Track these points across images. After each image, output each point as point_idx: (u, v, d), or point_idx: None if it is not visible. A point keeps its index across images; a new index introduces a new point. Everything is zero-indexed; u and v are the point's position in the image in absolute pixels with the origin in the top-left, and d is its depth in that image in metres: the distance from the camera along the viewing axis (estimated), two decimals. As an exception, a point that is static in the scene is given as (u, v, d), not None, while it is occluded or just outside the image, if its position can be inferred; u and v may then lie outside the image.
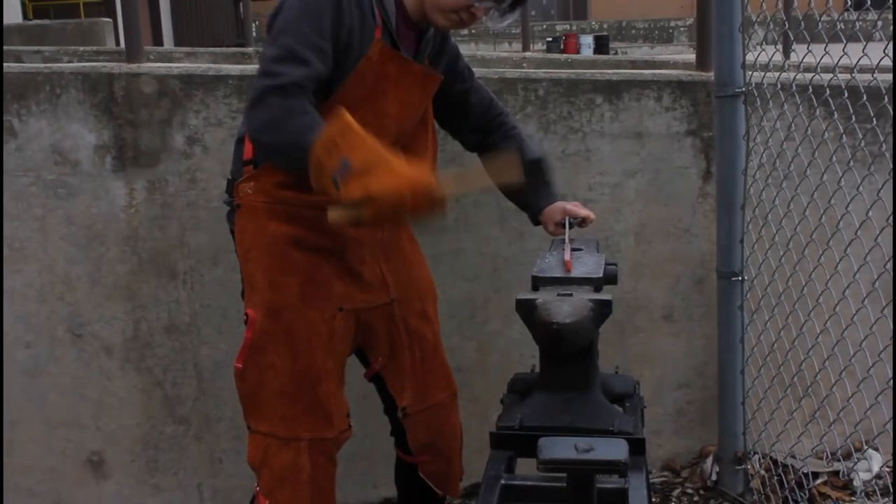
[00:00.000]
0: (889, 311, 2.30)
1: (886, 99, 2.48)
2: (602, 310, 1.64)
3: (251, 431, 1.95)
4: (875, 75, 2.41)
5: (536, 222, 2.20)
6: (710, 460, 2.87)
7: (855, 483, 2.73)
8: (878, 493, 2.68)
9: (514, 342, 2.85)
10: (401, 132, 1.90)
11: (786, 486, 2.69)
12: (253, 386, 1.90)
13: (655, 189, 2.84)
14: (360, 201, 1.54)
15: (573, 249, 1.98)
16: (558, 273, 1.80)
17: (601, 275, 1.79)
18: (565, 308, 1.59)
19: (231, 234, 1.97)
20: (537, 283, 1.78)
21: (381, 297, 1.99)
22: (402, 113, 1.89)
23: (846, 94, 2.44)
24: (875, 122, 2.56)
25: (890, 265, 2.18)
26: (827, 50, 2.34)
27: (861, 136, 2.66)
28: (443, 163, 2.70)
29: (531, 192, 2.15)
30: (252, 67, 2.73)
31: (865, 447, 2.83)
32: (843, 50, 2.21)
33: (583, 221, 2.14)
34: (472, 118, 2.14)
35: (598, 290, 1.74)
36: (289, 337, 1.88)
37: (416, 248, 2.15)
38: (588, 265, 1.87)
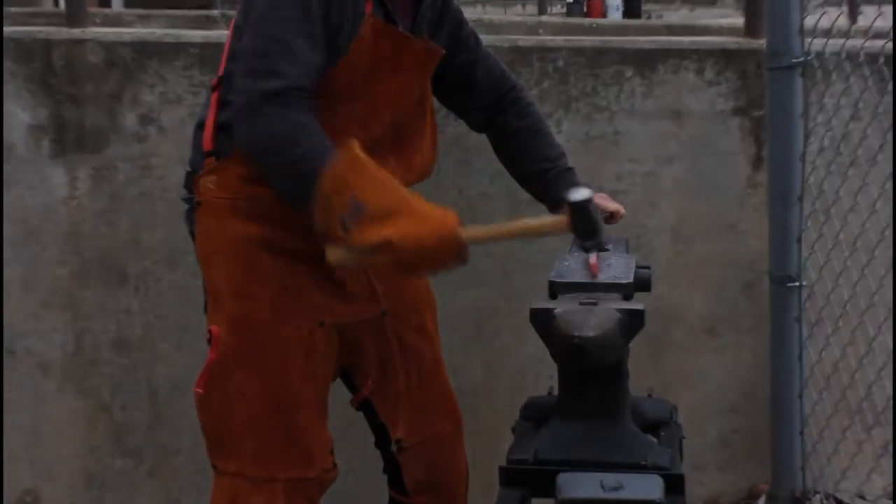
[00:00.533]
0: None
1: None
2: (632, 321, 1.64)
3: (217, 472, 1.94)
4: (958, 43, 2.41)
5: None
6: (761, 501, 2.87)
7: (934, 528, 2.73)
8: (960, 539, 2.67)
9: (528, 360, 2.85)
10: (396, 118, 1.91)
11: (852, 531, 2.69)
12: (218, 416, 1.89)
13: (696, 178, 2.83)
14: (376, 248, 1.60)
15: (599, 250, 1.97)
16: (581, 278, 1.80)
17: (631, 280, 1.79)
18: (589, 319, 1.59)
19: (191, 237, 1.97)
20: (556, 289, 1.78)
21: (368, 309, 1.99)
22: (399, 98, 1.90)
23: (923, 65, 2.44)
24: (958, 98, 2.56)
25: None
26: (901, 12, 2.34)
27: (941, 116, 2.66)
28: (444, 146, 2.69)
29: (550, 180, 2.15)
30: (218, 34, 2.73)
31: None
32: (920, 12, 2.21)
33: (610, 216, 2.14)
34: (479, 94, 2.13)
35: (627, 297, 1.74)
36: (259, 357, 1.88)
37: None
38: (616, 268, 1.86)
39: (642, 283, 1.85)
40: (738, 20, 3.75)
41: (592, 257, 1.89)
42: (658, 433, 1.86)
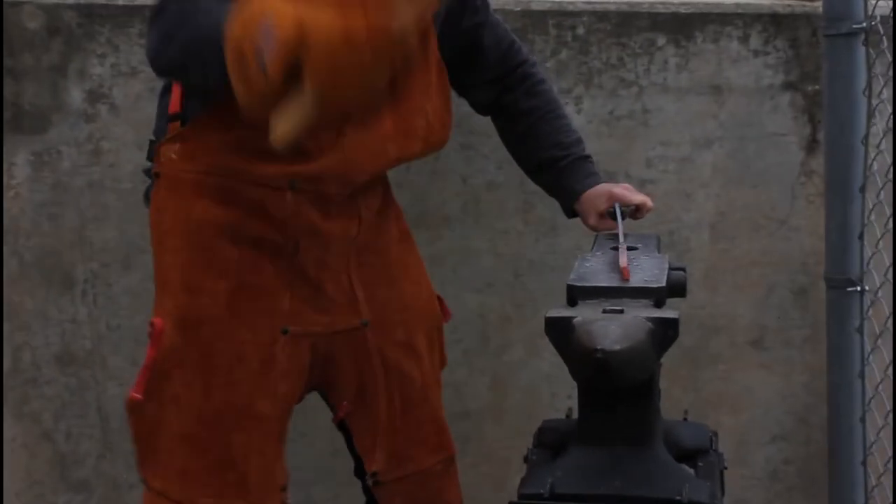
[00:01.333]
0: None
1: None
2: (665, 332, 1.64)
3: (145, 486, 1.95)
4: None
5: (572, 213, 2.19)
6: (816, 542, 2.87)
7: None
8: None
9: (543, 377, 2.85)
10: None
11: (922, 578, 2.68)
12: (150, 424, 1.90)
13: (739, 164, 2.84)
14: (292, 48, 1.30)
15: (626, 248, 1.98)
16: (606, 281, 1.80)
17: (664, 283, 1.79)
18: (614, 330, 1.59)
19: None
20: (575, 294, 1.77)
21: (346, 318, 1.98)
22: None
23: None
24: None
25: None
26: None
27: None
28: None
29: (563, 170, 2.14)
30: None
31: None
32: None
33: (636, 210, 2.14)
34: (484, 67, 2.13)
35: (659, 304, 1.74)
36: (203, 361, 1.88)
37: (408, 250, 2.14)
38: (646, 270, 1.86)
39: (676, 288, 1.85)
40: (789, -21, 3.75)
41: (623, 258, 1.89)
42: (695, 463, 1.85)
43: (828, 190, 2.72)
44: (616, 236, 2.07)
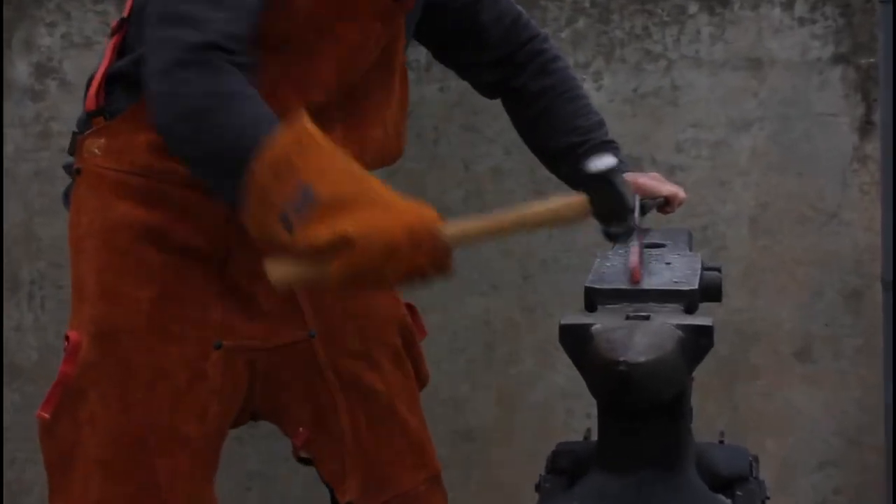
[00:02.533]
0: None
1: None
2: (697, 341, 1.63)
3: None
4: None
5: None
6: (870, 583, 2.87)
7: None
8: None
9: (558, 392, 2.85)
10: (347, 81, 1.91)
11: None
12: (63, 448, 1.89)
13: (783, 149, 2.83)
14: (328, 249, 1.57)
15: (650, 246, 1.97)
16: (628, 283, 1.81)
17: (696, 286, 1.79)
18: (639, 339, 1.58)
19: None
20: (594, 298, 1.77)
21: (289, 330, 1.98)
22: (351, 55, 1.90)
23: None
24: None
25: None
26: None
27: None
28: (445, 107, 2.69)
29: (582, 157, 2.14)
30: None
31: None
32: None
33: (665, 203, 2.14)
34: (487, 47, 2.13)
35: (690, 309, 1.73)
36: (123, 379, 1.87)
37: None
38: (675, 270, 1.86)
39: (711, 290, 1.84)
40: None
41: (633, 256, 1.88)
42: (733, 492, 1.84)
43: (884, 178, 2.71)
44: (643, 231, 2.06)
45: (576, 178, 2.18)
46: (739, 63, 2.80)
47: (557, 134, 2.17)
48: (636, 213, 2.08)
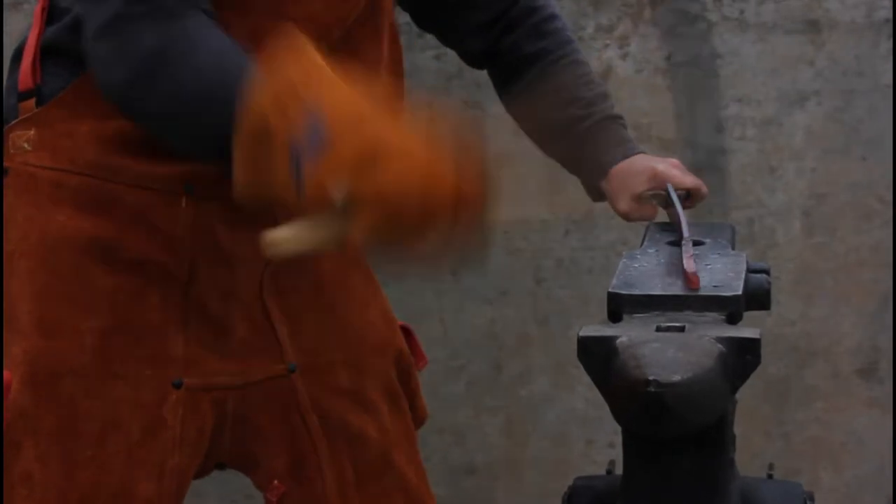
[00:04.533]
0: None
1: None
2: (742, 357, 1.61)
3: None
4: None
5: (598, 194, 2.20)
6: None
7: None
8: None
9: (576, 418, 2.86)
10: (325, 41, 1.89)
11: None
12: None
13: (844, 128, 2.84)
14: (350, 200, 1.47)
15: (692, 244, 1.98)
16: (661, 287, 1.79)
17: (740, 291, 1.78)
18: (672, 354, 1.57)
19: None
20: (619, 305, 1.76)
21: (265, 364, 1.93)
22: (326, 8, 1.89)
23: None
24: None
25: None
26: None
27: None
28: (443, 79, 2.71)
29: (584, 134, 2.15)
30: None
31: None
32: None
33: (687, 197, 2.14)
34: (473, 9, 2.13)
35: (733, 319, 1.73)
36: (65, 427, 1.85)
37: (352, 265, 2.10)
38: (715, 273, 1.84)
39: (757, 296, 1.83)
40: None
41: (688, 258, 1.89)
42: (785, 536, 1.85)
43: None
44: (673, 227, 2.08)
45: (577, 158, 2.20)
46: (793, 26, 2.81)
47: (555, 106, 2.17)
48: (678, 206, 2.10)
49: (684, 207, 2.12)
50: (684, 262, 1.86)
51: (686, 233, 2.01)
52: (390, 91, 1.96)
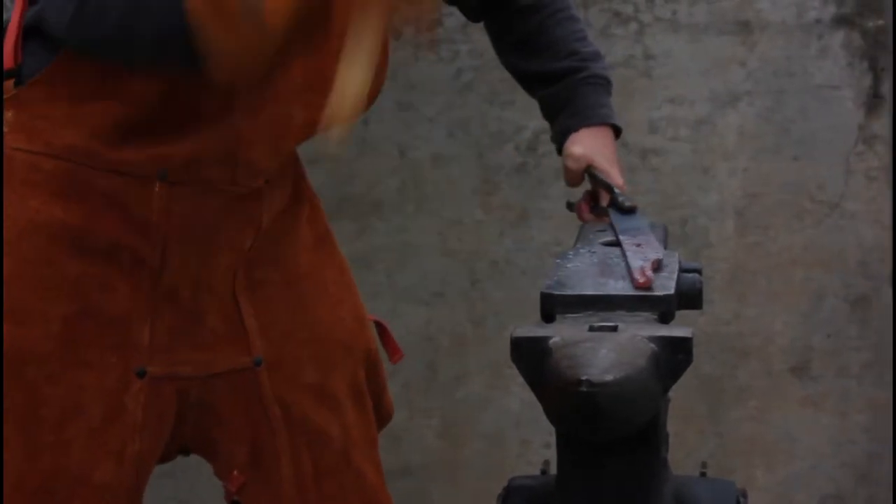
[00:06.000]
0: None
1: None
2: (674, 356, 1.61)
3: None
4: None
5: (560, 143, 2.23)
6: None
7: None
8: None
9: (510, 418, 2.86)
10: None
11: None
12: None
13: (776, 128, 2.85)
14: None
15: (612, 244, 1.97)
16: (593, 288, 1.80)
17: (672, 290, 1.79)
18: (604, 354, 1.57)
19: None
20: (553, 306, 1.76)
21: (231, 355, 1.93)
22: None
23: None
24: None
25: None
26: None
27: None
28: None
29: (578, 86, 2.16)
30: None
31: None
32: None
33: (603, 189, 2.16)
34: None
35: (666, 318, 1.74)
36: (29, 413, 1.85)
37: (327, 260, 2.09)
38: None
39: (690, 296, 1.83)
40: None
41: (634, 255, 1.89)
42: (717, 535, 1.85)
43: (894, 162, 2.73)
44: (605, 228, 2.08)
45: (564, 106, 2.21)
46: (725, 27, 2.81)
47: (552, 56, 2.19)
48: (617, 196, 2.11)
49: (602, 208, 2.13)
50: (630, 261, 1.86)
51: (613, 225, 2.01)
52: None
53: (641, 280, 1.77)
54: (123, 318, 1.88)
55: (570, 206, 2.20)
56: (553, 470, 1.78)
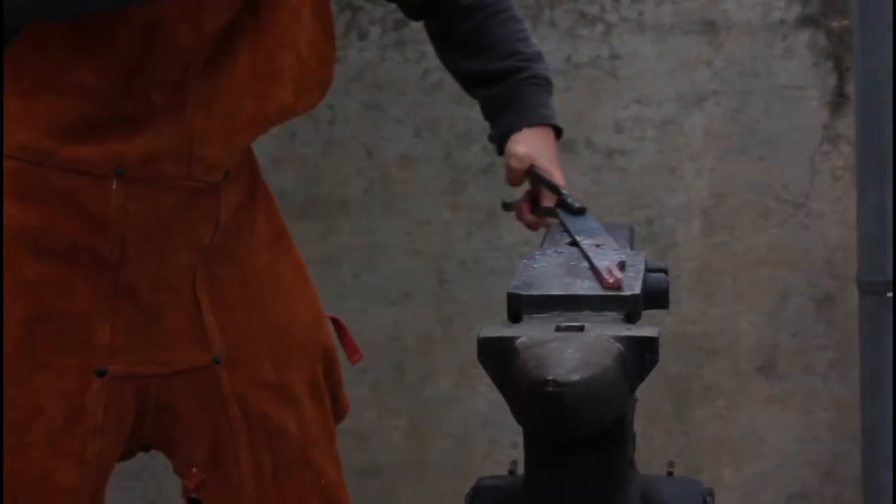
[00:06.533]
0: None
1: None
2: (641, 356, 1.61)
3: None
4: None
5: (500, 144, 2.23)
6: None
7: None
8: None
9: (478, 418, 2.86)
10: None
11: None
12: None
13: (741, 128, 2.85)
14: None
15: (573, 243, 1.97)
16: (560, 288, 1.79)
17: (638, 290, 1.78)
18: (571, 354, 1.57)
19: None
20: (519, 306, 1.76)
21: (190, 354, 1.92)
22: None
23: None
24: None
25: None
26: None
27: None
28: (343, 80, 2.72)
29: (519, 86, 2.16)
30: None
31: None
32: None
33: (549, 189, 2.16)
34: None
35: (632, 318, 1.74)
36: None
37: (283, 256, 2.08)
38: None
39: (656, 295, 1.82)
40: None
41: (597, 255, 1.89)
42: (684, 534, 1.85)
43: (859, 162, 2.73)
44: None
45: (505, 108, 2.21)
46: (691, 27, 2.82)
47: (492, 56, 2.18)
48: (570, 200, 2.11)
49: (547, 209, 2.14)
50: (596, 260, 1.86)
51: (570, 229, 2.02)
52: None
53: (611, 280, 1.77)
54: (83, 318, 1.87)
55: (506, 206, 2.20)
56: (521, 470, 1.77)
